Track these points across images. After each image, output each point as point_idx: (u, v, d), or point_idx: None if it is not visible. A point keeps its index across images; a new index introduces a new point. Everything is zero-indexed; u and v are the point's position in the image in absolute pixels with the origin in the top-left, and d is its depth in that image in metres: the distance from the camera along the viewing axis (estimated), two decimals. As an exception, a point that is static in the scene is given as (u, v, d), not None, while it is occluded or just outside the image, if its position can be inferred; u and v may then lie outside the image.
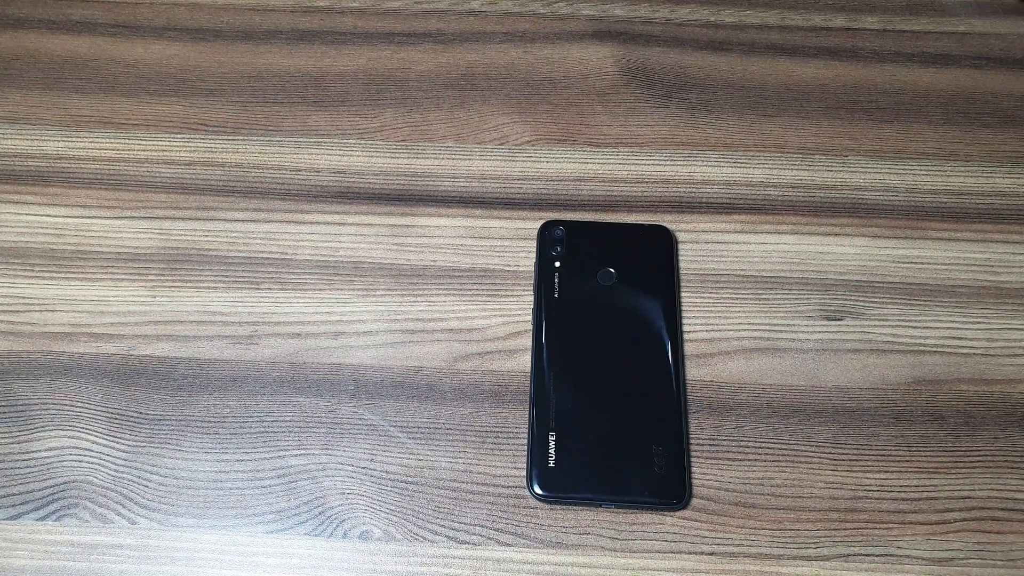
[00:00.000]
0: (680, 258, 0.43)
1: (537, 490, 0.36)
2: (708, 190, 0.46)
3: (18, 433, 0.38)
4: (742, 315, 0.42)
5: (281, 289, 0.42)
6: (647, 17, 0.54)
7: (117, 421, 0.39)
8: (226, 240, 0.44)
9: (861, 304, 0.42)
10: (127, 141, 0.48)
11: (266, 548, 0.36)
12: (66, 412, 0.39)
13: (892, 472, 0.38)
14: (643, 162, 0.47)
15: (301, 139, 0.48)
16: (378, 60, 0.52)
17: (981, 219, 0.45)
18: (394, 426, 0.39)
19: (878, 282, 0.43)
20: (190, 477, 0.37)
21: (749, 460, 0.38)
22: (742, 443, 0.38)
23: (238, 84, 0.50)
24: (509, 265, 0.43)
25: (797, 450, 0.38)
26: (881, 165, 0.47)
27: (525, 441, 0.38)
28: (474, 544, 0.36)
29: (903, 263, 0.43)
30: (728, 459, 0.38)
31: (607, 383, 0.39)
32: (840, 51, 0.52)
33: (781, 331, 0.41)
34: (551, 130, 0.48)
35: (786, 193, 0.46)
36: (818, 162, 0.47)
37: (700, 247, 0.44)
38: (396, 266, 0.43)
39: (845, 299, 0.42)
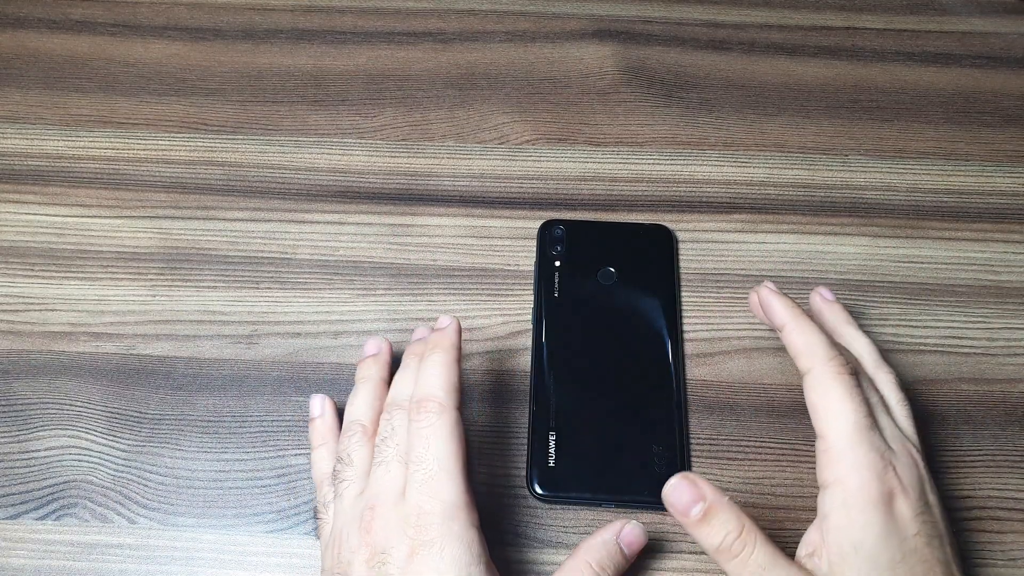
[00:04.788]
0: (680, 257, 0.43)
1: (537, 490, 0.36)
2: (708, 189, 0.46)
3: (17, 432, 0.38)
4: (743, 315, 0.42)
5: (281, 288, 0.42)
6: (647, 17, 0.54)
7: (117, 420, 0.39)
8: (226, 239, 0.44)
9: (861, 303, 0.42)
10: (127, 140, 0.48)
11: (266, 548, 0.36)
12: (66, 411, 0.39)
13: (892, 472, 0.37)
14: (643, 161, 0.47)
15: (301, 138, 0.48)
16: (378, 60, 0.52)
17: (981, 218, 0.45)
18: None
19: (878, 281, 0.43)
20: (190, 476, 0.37)
21: (749, 460, 0.38)
22: (742, 443, 0.38)
23: (238, 84, 0.50)
24: (509, 264, 0.43)
25: (797, 450, 0.38)
26: (881, 164, 0.47)
27: (525, 441, 0.38)
28: (474, 544, 0.36)
29: (903, 262, 0.43)
30: (728, 459, 0.38)
31: (607, 383, 0.39)
32: (840, 50, 0.52)
33: (781, 331, 0.41)
34: (551, 129, 0.48)
35: (786, 192, 0.46)
36: (818, 161, 0.47)
37: (700, 246, 0.44)
38: (396, 265, 0.43)
39: (845, 298, 0.42)
